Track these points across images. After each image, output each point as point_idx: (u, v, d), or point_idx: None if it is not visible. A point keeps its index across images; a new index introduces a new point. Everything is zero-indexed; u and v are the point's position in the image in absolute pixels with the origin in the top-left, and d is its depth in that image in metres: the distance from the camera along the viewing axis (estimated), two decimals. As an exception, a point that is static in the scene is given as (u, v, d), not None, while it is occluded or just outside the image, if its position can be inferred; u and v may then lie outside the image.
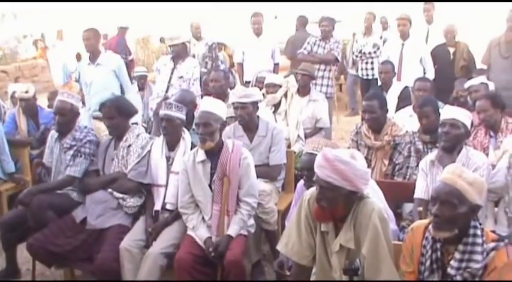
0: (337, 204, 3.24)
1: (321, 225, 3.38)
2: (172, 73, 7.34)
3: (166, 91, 7.27)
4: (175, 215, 4.70)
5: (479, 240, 3.03)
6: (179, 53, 7.44)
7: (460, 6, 13.46)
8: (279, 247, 3.58)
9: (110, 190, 4.83)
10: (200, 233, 4.47)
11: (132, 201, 4.81)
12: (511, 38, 7.98)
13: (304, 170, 4.10)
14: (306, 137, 6.51)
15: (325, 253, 3.42)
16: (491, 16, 8.63)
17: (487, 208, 4.57)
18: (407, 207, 4.92)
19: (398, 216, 4.82)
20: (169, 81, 7.32)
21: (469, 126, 4.58)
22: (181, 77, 7.32)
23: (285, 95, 6.69)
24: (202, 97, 6.50)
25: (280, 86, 6.73)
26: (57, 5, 20.06)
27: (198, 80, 7.55)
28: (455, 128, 4.48)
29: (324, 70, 8.61)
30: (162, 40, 17.43)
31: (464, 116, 4.55)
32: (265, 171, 5.28)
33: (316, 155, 3.58)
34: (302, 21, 10.83)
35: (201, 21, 10.98)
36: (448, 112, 4.62)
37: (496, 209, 4.66)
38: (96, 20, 17.15)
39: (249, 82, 8.34)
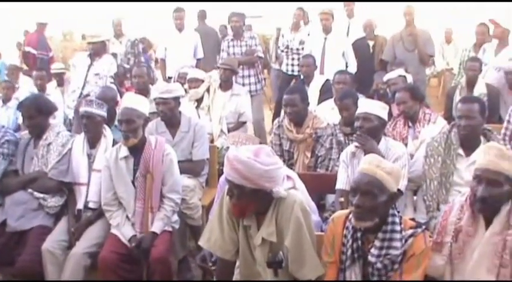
0: (246, 201, 3.23)
1: (243, 219, 3.38)
2: (88, 70, 7.21)
3: (83, 88, 7.14)
4: (98, 214, 4.63)
5: (397, 228, 3.12)
6: (97, 50, 7.36)
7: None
8: (202, 242, 3.56)
9: (30, 190, 4.69)
10: (124, 231, 4.42)
11: (53, 201, 4.70)
12: (410, 31, 8.28)
13: (227, 165, 4.10)
14: (229, 132, 6.51)
15: (249, 247, 3.42)
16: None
17: (407, 197, 4.71)
18: (331, 198, 5.00)
19: (322, 208, 4.90)
20: (85, 78, 7.18)
21: (384, 117, 4.68)
22: (97, 74, 7.21)
23: (208, 90, 6.70)
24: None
25: (203, 81, 6.73)
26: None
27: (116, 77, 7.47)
28: (368, 122, 4.58)
29: (249, 68, 8.60)
30: (84, 37, 17.13)
31: (377, 108, 4.65)
32: (189, 167, 5.26)
33: None
34: (201, 15, 10.91)
35: (122, 18, 10.83)
36: (360, 106, 4.72)
37: (415, 197, 4.80)
38: (17, 16, 16.71)
39: (171, 78, 8.30)
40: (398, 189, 3.60)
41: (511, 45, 7.98)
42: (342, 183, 4.58)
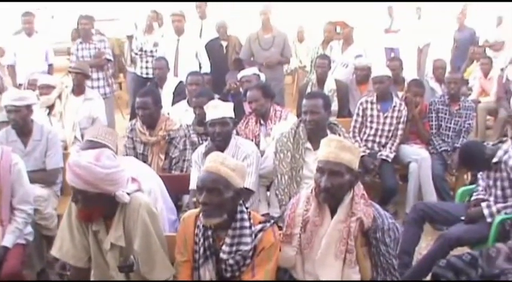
0: (91, 206, 3.22)
1: (92, 225, 3.36)
2: None
3: None
4: None
5: (246, 224, 3.21)
6: None
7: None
8: (54, 252, 3.49)
9: None
10: (-28, 248, 4.22)
11: None
12: (267, 31, 8.53)
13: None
14: (83, 138, 6.38)
15: (100, 252, 3.40)
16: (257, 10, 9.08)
17: (260, 193, 4.83)
18: (187, 198, 5.04)
19: (179, 208, 4.93)
20: None
21: (233, 116, 4.77)
22: None
23: (59, 96, 6.54)
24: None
25: (54, 87, 6.56)
26: None
27: None
28: (226, 126, 4.65)
29: (98, 71, 8.46)
30: None
31: (229, 111, 4.72)
32: (42, 177, 5.13)
33: (97, 142, 3.71)
34: None
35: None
36: (214, 111, 4.70)
37: (268, 193, 4.93)
38: None
39: (22, 84, 8.01)
40: (247, 188, 3.69)
41: (356, 42, 8.38)
42: (195, 183, 4.60)
